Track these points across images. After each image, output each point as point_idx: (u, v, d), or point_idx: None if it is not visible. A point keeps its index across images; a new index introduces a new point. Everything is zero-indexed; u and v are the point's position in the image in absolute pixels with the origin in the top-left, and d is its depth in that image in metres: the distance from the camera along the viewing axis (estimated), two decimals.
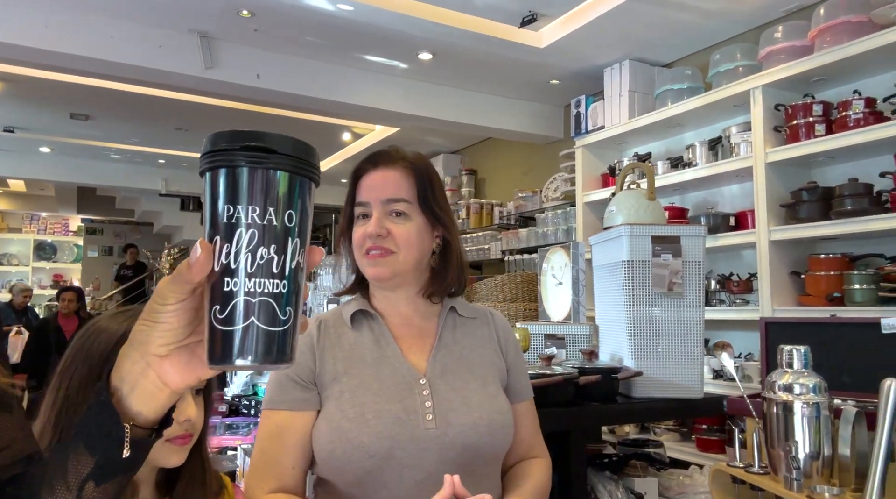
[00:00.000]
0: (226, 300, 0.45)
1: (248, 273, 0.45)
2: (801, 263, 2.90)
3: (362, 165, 1.13)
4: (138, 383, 0.49)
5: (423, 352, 1.09)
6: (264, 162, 0.46)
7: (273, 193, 0.46)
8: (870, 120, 2.58)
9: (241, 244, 0.45)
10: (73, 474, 0.49)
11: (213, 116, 5.53)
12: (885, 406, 0.76)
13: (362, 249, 1.09)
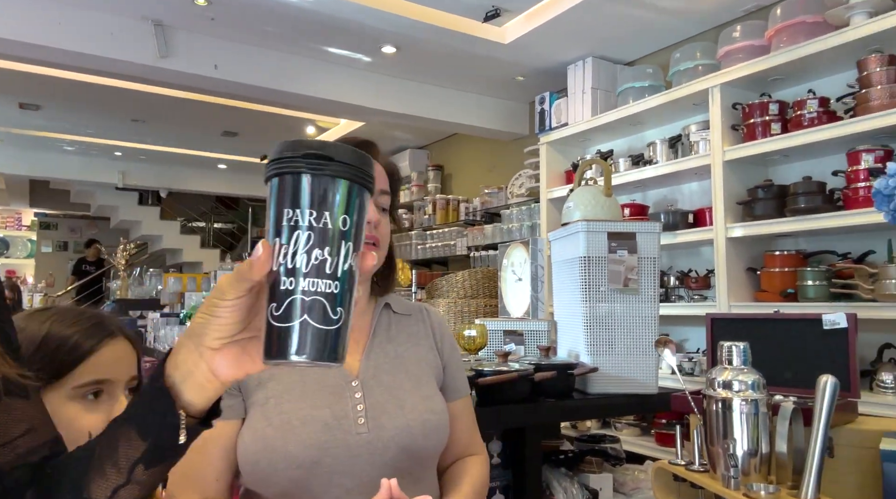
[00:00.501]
0: (282, 298, 0.49)
1: (303, 273, 0.49)
2: (757, 259, 2.95)
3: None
4: (191, 372, 0.52)
5: (355, 352, 1.04)
6: (324, 169, 0.50)
7: (330, 198, 0.50)
8: (823, 119, 2.63)
9: (298, 245, 0.49)
10: (124, 457, 0.52)
11: (170, 107, 5.39)
12: (821, 402, 0.76)
13: None
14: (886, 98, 2.40)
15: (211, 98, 4.84)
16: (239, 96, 4.37)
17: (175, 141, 6.80)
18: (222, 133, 6.37)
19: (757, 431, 0.79)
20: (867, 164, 2.46)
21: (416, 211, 6.08)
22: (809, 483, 0.74)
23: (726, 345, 0.82)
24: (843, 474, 0.90)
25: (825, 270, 2.62)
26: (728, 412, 0.80)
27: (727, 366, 0.82)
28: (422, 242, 5.77)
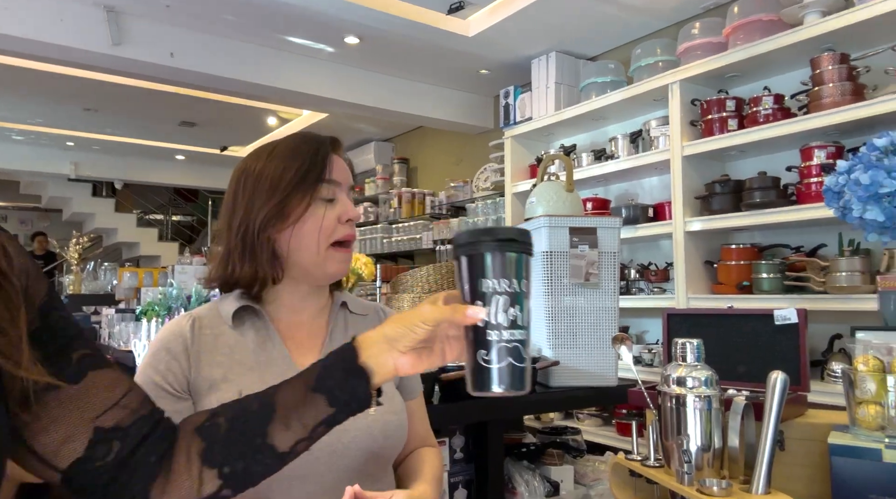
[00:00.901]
0: (489, 347, 0.65)
1: (504, 327, 0.64)
2: (714, 252, 3.01)
3: (329, 145, 1.03)
4: (381, 365, 0.68)
5: (312, 353, 1.01)
6: (509, 248, 0.65)
7: (515, 269, 0.66)
8: (778, 116, 2.70)
9: (497, 307, 0.65)
10: (311, 417, 0.67)
11: (124, 96, 5.21)
12: (772, 397, 0.77)
13: (330, 236, 0.97)
14: (838, 96, 2.47)
15: (167, 87, 4.70)
16: (196, 86, 4.25)
17: (130, 131, 6.59)
18: (180, 123, 6.20)
19: (710, 426, 0.80)
20: (819, 159, 2.54)
21: (381, 204, 6.04)
22: (760, 477, 0.76)
23: (680, 342, 0.83)
24: (793, 466, 0.92)
25: (779, 263, 2.70)
26: (682, 408, 0.81)
27: (681, 362, 0.83)
28: (387, 235, 5.73)
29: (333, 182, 0.99)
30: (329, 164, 0.99)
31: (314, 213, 0.97)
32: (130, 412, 0.65)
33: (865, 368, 0.80)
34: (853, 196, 1.14)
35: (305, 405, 0.67)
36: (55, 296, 0.64)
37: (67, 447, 0.60)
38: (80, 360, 0.63)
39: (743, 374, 1.02)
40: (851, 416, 0.82)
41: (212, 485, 0.65)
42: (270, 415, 0.67)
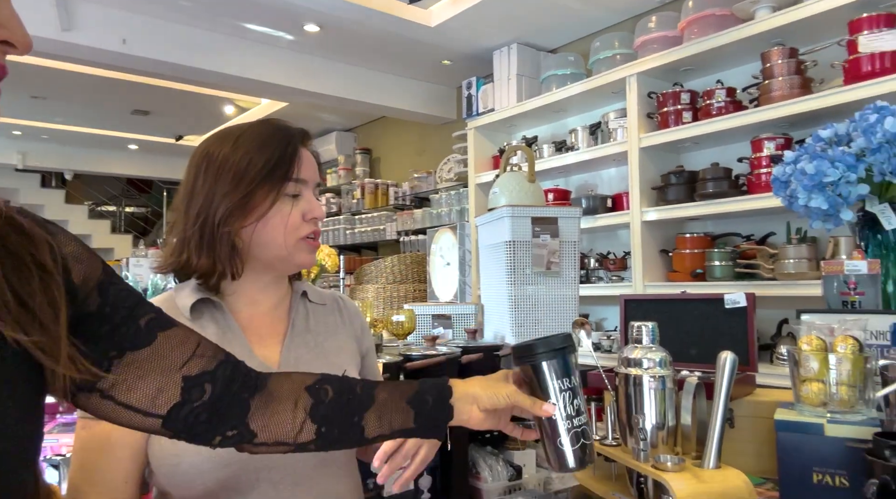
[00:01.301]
0: (566, 433, 0.80)
1: (573, 415, 0.81)
2: (669, 241, 3.10)
3: (299, 139, 1.01)
4: (460, 411, 0.80)
5: (274, 343, 1.01)
6: (564, 354, 0.83)
7: (569, 369, 0.83)
8: (730, 108, 2.78)
9: (566, 401, 0.81)
10: (397, 423, 0.77)
11: (74, 84, 5.02)
12: (721, 377, 0.81)
13: (298, 232, 0.97)
14: (787, 89, 2.57)
15: (119, 74, 4.55)
16: (149, 73, 4.12)
17: (81, 120, 6.36)
18: (132, 111, 6.01)
19: (664, 405, 0.84)
20: (769, 151, 2.63)
21: (343, 195, 5.99)
22: (711, 452, 0.79)
23: (636, 325, 0.86)
24: (742, 442, 0.97)
25: (730, 251, 2.79)
26: (638, 388, 0.84)
27: (637, 345, 0.86)
28: (350, 226, 5.69)
29: (301, 180, 0.98)
30: (298, 160, 0.97)
31: (280, 210, 0.95)
32: (210, 359, 0.72)
33: (809, 348, 0.85)
34: (799, 185, 1.20)
35: (398, 411, 0.77)
36: (110, 271, 0.69)
37: (163, 396, 0.67)
38: (147, 324, 0.69)
39: (695, 356, 1.07)
40: (796, 393, 0.86)
41: (307, 436, 0.74)
42: (369, 404, 0.77)
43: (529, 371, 0.82)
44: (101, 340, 0.65)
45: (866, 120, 1.16)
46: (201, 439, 0.71)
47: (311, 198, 1.00)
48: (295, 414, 0.74)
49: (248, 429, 0.72)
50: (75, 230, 8.68)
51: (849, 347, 0.81)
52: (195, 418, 0.69)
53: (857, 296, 1.06)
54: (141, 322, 0.68)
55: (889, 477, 0.67)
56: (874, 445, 0.72)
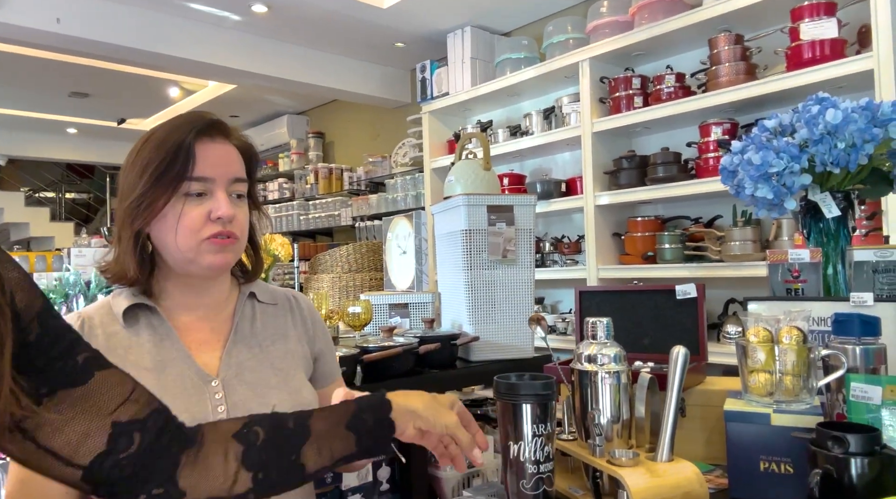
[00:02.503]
0: (530, 478, 0.83)
1: (539, 462, 0.83)
2: (621, 225, 3.16)
3: (200, 134, 0.94)
4: (401, 426, 0.77)
5: (215, 349, 0.97)
6: (544, 399, 0.84)
7: (547, 415, 0.84)
8: (679, 93, 2.83)
9: (536, 446, 0.83)
10: (338, 451, 0.74)
11: (6, 65, 4.74)
12: (674, 370, 0.82)
13: (200, 233, 0.92)
14: (733, 75, 2.63)
15: (55, 55, 4.30)
16: (86, 54, 3.91)
17: (14, 102, 6.00)
18: (70, 94, 5.71)
19: (619, 399, 0.85)
20: (716, 135, 2.70)
21: (297, 180, 5.86)
22: (664, 445, 0.81)
23: (591, 321, 0.87)
24: (693, 430, 0.99)
25: (680, 234, 2.87)
26: (593, 384, 0.85)
27: (592, 340, 0.87)
28: (304, 212, 5.59)
29: (202, 179, 0.93)
30: (193, 158, 0.92)
31: (174, 209, 0.92)
32: (143, 405, 0.67)
33: (756, 339, 0.87)
34: (746, 175, 1.23)
35: (337, 438, 0.74)
36: (50, 305, 0.65)
37: (88, 444, 0.62)
38: (85, 361, 0.65)
39: (648, 345, 1.09)
40: (744, 383, 0.89)
41: (242, 485, 0.70)
42: (305, 437, 0.73)
43: (509, 408, 0.84)
44: (34, 374, 0.61)
45: (809, 111, 1.19)
46: (123, 497, 0.65)
47: (218, 197, 0.93)
48: (226, 466, 0.70)
49: (177, 487, 0.67)
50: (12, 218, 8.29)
51: (793, 338, 0.84)
52: (119, 471, 0.64)
53: (800, 284, 1.10)
54: (79, 358, 0.65)
55: (831, 467, 0.70)
56: (817, 435, 0.75)
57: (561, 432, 0.93)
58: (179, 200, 0.92)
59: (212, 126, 0.96)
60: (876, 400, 0.77)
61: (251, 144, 1.04)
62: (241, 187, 0.97)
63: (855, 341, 0.85)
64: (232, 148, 0.98)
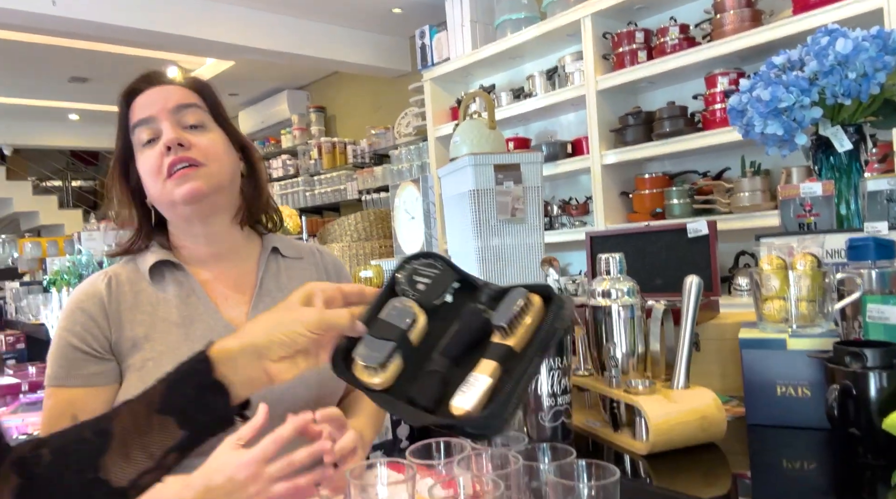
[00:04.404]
0: (548, 410, 0.83)
1: (557, 395, 0.84)
2: (629, 183, 3.13)
3: (134, 86, 0.95)
4: (247, 378, 0.61)
5: (241, 304, 0.97)
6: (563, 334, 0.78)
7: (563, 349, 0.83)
8: (684, 45, 2.78)
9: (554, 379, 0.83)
10: (158, 444, 0.57)
11: (4, 52, 4.71)
12: (688, 300, 0.83)
13: (161, 171, 0.91)
14: (738, 22, 2.57)
15: (52, 39, 4.28)
16: (84, 36, 3.89)
17: (14, 90, 5.99)
18: (70, 79, 5.69)
19: (633, 333, 0.85)
20: (722, 86, 2.65)
21: (300, 156, 5.85)
22: (680, 374, 0.82)
23: (604, 257, 0.87)
24: (708, 364, 1.00)
25: (688, 188, 2.84)
26: (608, 318, 0.85)
27: (605, 276, 0.87)
28: (310, 188, 5.58)
29: (144, 121, 0.94)
30: (133, 107, 0.96)
31: (144, 155, 0.94)
32: None
33: (770, 267, 0.87)
34: (755, 113, 1.21)
35: (150, 430, 0.57)
36: None
37: None
38: None
39: (660, 285, 1.09)
40: (759, 312, 0.89)
41: None
42: (105, 445, 0.57)
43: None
44: None
45: (818, 43, 1.17)
46: None
47: (163, 127, 0.92)
48: None
49: None
50: (21, 208, 8.33)
51: (807, 263, 0.84)
52: None
53: (812, 217, 1.09)
54: None
55: (850, 382, 0.71)
56: (835, 353, 0.75)
57: (576, 368, 0.94)
58: (141, 153, 0.94)
59: (142, 78, 0.97)
60: (893, 320, 0.77)
61: (198, 78, 1.02)
62: (192, 115, 0.95)
63: (870, 265, 0.84)
64: (173, 86, 0.97)
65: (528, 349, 0.62)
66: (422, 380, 0.63)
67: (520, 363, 0.61)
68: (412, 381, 0.63)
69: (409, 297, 0.68)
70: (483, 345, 0.64)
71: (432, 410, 0.61)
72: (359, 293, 0.68)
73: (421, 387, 0.62)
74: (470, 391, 0.60)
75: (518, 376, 0.60)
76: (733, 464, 0.79)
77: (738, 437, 0.84)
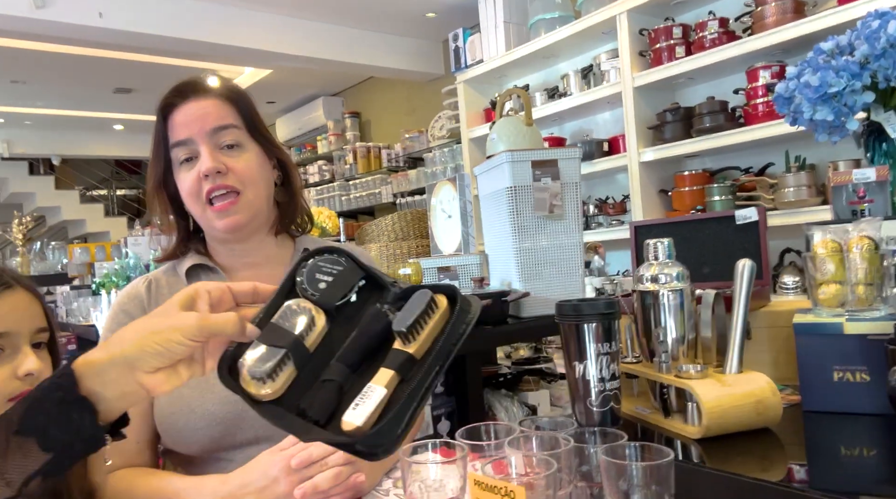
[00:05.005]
0: (597, 395, 0.81)
1: (605, 380, 0.81)
2: (667, 181, 3.09)
3: (169, 99, 0.96)
4: (118, 393, 0.55)
5: None
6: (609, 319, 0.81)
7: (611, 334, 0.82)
8: (723, 39, 2.74)
9: (602, 364, 0.81)
10: (18, 470, 0.51)
11: (53, 64, 4.91)
12: (740, 283, 0.81)
13: (200, 196, 0.94)
14: (780, 14, 2.52)
15: (98, 51, 4.45)
16: (129, 47, 4.03)
17: (62, 102, 6.24)
18: (115, 90, 5.90)
19: (683, 318, 0.84)
20: (765, 80, 2.60)
21: (336, 161, 5.93)
22: (733, 358, 0.80)
23: (651, 242, 0.86)
24: (759, 353, 0.98)
25: (730, 185, 2.79)
26: (656, 304, 0.85)
27: (653, 262, 0.86)
28: (345, 192, 5.66)
29: (182, 143, 0.95)
30: (171, 124, 0.96)
31: (183, 175, 0.96)
32: None
33: (824, 251, 0.85)
34: (804, 99, 1.18)
35: (8, 454, 0.51)
36: None
37: None
38: None
39: (708, 274, 1.07)
40: (814, 297, 0.87)
41: None
42: None
43: (573, 329, 0.80)
44: None
45: (868, 27, 1.14)
46: None
47: (202, 152, 0.94)
48: None
49: None
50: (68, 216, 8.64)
51: (864, 246, 0.82)
52: None
53: (866, 204, 1.06)
54: None
55: None
56: None
57: (624, 357, 0.93)
58: (179, 170, 0.96)
59: (177, 91, 0.97)
60: None
61: (234, 87, 1.03)
62: (230, 135, 0.96)
63: None
64: (208, 100, 0.97)
65: (428, 357, 0.57)
66: (315, 390, 0.58)
67: (419, 373, 0.56)
68: (306, 391, 0.58)
69: (308, 297, 0.61)
70: (385, 351, 0.59)
71: (324, 424, 0.56)
72: (251, 292, 0.62)
73: (313, 398, 0.57)
74: (363, 404, 0.55)
75: (414, 388, 0.55)
76: (789, 450, 0.77)
77: (794, 424, 0.82)
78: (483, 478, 0.64)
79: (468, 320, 0.59)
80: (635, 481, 0.65)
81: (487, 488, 0.64)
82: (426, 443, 0.75)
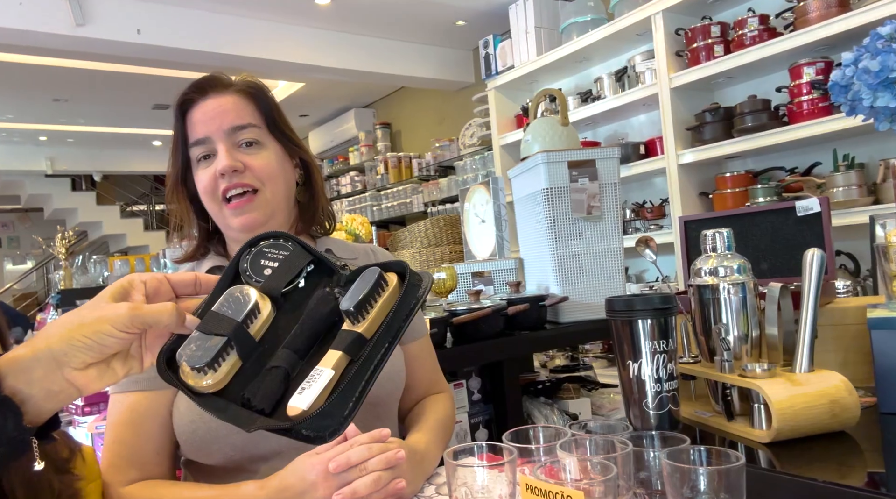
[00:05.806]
0: (653, 397, 0.77)
1: (662, 380, 0.77)
2: (708, 183, 3.00)
3: (188, 96, 0.95)
4: (52, 390, 0.51)
5: None
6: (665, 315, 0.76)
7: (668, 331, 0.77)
8: (764, 36, 2.65)
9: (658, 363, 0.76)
10: None
11: (93, 82, 5.06)
12: (810, 274, 0.76)
13: (217, 194, 0.93)
14: (824, 9, 2.43)
15: (137, 68, 4.56)
16: (166, 63, 4.12)
17: (103, 119, 6.43)
18: (153, 107, 6.05)
19: (746, 314, 0.79)
20: (809, 77, 2.51)
21: (367, 172, 5.96)
22: (803, 356, 0.74)
23: (710, 232, 0.81)
24: (826, 353, 0.91)
25: (775, 186, 2.69)
26: (716, 298, 0.79)
27: (711, 253, 0.81)
28: (377, 203, 5.67)
29: (201, 141, 0.94)
30: (190, 121, 0.95)
31: (201, 173, 0.95)
32: None
33: None
34: (863, 86, 1.12)
35: None
36: None
37: None
38: None
39: (766, 270, 1.01)
40: (888, 291, 0.81)
41: None
42: None
43: (625, 325, 0.76)
44: None
45: None
46: None
47: (219, 150, 0.93)
48: None
49: None
50: (109, 230, 8.88)
51: None
52: None
53: None
54: None
55: None
56: None
57: (680, 357, 0.87)
58: (196, 167, 0.95)
59: (197, 87, 0.96)
60: None
61: (254, 82, 1.00)
62: (248, 134, 0.95)
63: None
64: (227, 97, 0.95)
65: (378, 335, 0.55)
66: (260, 378, 0.55)
67: (369, 352, 0.54)
68: (250, 380, 0.56)
69: (253, 284, 0.59)
70: (335, 334, 0.56)
71: (269, 412, 0.54)
72: (192, 282, 0.58)
73: (258, 387, 0.55)
74: (309, 388, 0.53)
75: (360, 367, 0.53)
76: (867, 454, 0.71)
77: (869, 427, 0.76)
78: (537, 482, 0.59)
79: (419, 295, 0.57)
80: (702, 488, 0.60)
81: (542, 494, 0.60)
82: (471, 446, 0.71)
